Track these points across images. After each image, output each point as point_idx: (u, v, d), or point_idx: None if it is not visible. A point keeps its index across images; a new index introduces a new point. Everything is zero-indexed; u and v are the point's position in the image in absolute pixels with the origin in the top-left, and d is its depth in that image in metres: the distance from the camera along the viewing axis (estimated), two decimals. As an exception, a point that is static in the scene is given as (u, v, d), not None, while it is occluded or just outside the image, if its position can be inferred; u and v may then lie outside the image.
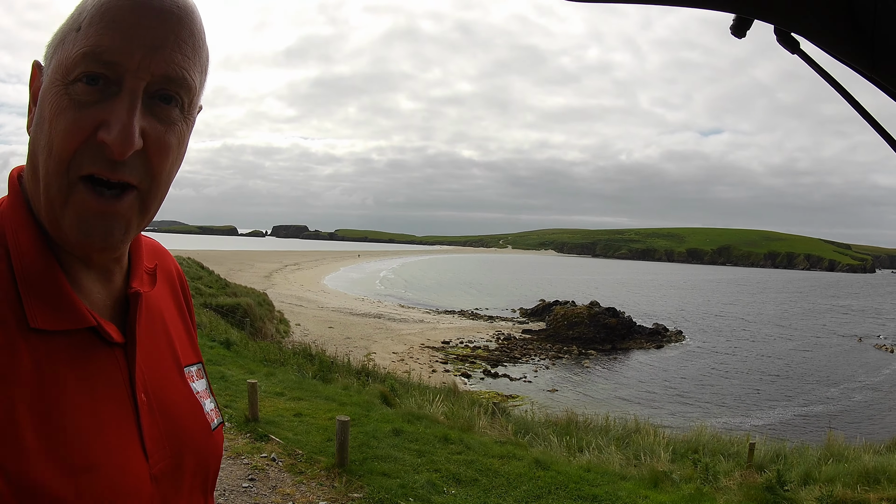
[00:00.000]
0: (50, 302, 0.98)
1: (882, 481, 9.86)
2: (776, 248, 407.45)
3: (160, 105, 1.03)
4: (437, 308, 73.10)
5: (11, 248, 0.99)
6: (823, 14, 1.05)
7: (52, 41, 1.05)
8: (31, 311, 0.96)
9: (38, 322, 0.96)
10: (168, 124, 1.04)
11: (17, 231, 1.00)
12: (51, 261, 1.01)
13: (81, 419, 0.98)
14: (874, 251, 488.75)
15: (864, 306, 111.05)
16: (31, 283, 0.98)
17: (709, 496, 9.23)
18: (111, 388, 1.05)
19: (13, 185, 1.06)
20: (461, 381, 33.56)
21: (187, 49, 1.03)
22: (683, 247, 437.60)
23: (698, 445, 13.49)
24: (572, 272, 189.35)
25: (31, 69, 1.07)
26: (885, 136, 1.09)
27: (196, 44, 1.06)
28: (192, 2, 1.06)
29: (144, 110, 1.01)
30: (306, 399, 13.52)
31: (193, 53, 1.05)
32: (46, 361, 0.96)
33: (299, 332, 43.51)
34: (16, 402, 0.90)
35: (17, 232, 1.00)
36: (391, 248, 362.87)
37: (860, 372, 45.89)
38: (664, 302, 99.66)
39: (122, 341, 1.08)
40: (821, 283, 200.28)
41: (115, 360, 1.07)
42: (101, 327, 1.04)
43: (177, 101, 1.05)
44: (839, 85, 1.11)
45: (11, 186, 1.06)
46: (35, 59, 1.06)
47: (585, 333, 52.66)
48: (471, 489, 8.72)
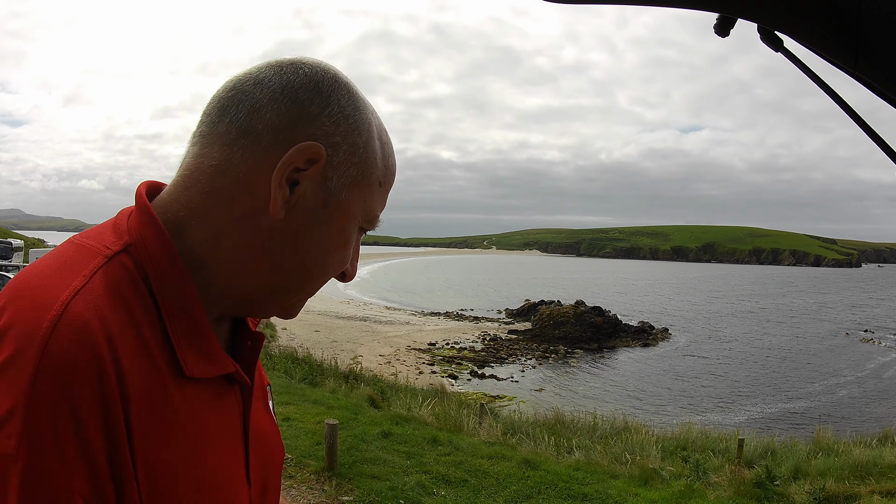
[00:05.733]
0: (202, 352, 1.00)
1: (873, 474, 9.94)
2: (761, 245, 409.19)
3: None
4: (422, 310, 73.00)
5: (162, 299, 0.96)
6: (807, 12, 1.06)
7: (348, 158, 1.03)
8: (185, 360, 0.96)
9: (192, 371, 0.97)
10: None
11: (175, 286, 0.97)
12: (203, 316, 1.01)
13: (219, 457, 1.02)
14: (860, 245, 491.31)
15: (851, 301, 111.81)
16: (186, 335, 0.98)
17: (699, 492, 9.27)
18: (233, 422, 1.08)
19: (163, 234, 0.99)
20: (448, 383, 33.50)
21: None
22: (668, 245, 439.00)
23: (687, 442, 13.56)
24: (557, 272, 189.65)
25: (312, 154, 0.99)
26: (868, 132, 1.10)
27: None
28: None
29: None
30: (294, 403, 13.48)
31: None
32: (197, 406, 0.98)
33: (285, 337, 43.31)
34: (173, 444, 0.92)
35: (176, 287, 0.97)
36: (376, 250, 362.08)
37: (847, 366, 46.17)
38: (650, 300, 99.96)
39: (250, 384, 1.12)
40: (807, 279, 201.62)
41: (236, 397, 1.10)
42: (238, 373, 1.07)
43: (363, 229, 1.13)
44: (823, 82, 1.12)
45: (161, 235, 0.99)
46: (319, 146, 0.99)
47: (571, 333, 52.69)
48: (460, 490, 8.73)
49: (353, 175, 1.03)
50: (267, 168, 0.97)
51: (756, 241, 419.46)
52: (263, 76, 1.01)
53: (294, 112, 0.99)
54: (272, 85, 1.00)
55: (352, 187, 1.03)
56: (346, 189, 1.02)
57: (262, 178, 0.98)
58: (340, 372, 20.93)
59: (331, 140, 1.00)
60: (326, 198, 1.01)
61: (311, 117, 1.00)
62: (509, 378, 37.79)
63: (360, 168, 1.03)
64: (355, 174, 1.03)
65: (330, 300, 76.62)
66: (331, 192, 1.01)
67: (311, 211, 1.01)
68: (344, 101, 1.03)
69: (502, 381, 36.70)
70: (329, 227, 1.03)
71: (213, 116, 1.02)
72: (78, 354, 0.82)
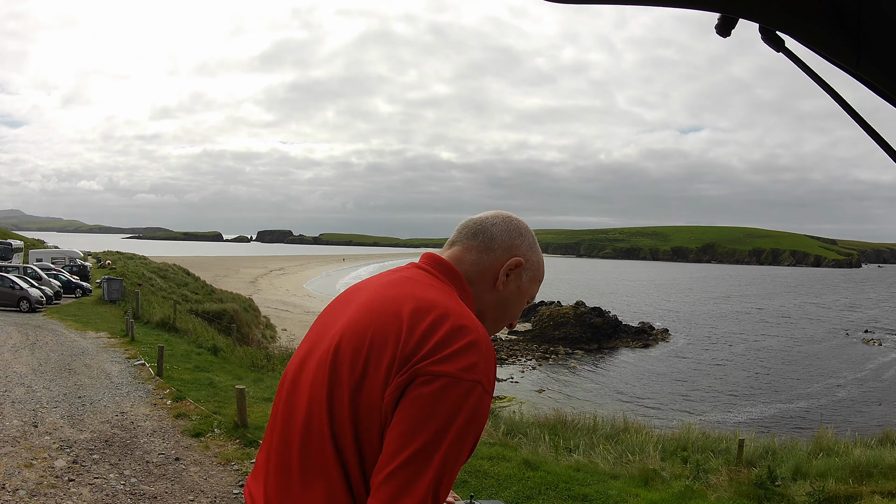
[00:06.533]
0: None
1: (874, 475, 9.91)
2: (761, 245, 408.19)
3: None
4: (423, 310, 72.95)
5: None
6: (808, 12, 1.06)
7: (530, 266, 1.85)
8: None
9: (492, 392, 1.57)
10: None
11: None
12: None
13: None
14: (859, 246, 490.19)
15: (851, 301, 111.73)
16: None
17: (699, 493, 9.26)
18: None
19: (466, 286, 1.78)
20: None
21: None
22: (668, 245, 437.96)
23: (687, 443, 13.52)
24: (557, 272, 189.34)
25: (518, 263, 1.80)
26: (870, 132, 1.10)
27: None
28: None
29: None
30: (294, 404, 13.46)
31: None
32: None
33: (286, 338, 43.29)
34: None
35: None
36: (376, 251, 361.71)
37: (847, 367, 46.18)
38: (650, 300, 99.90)
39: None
40: (807, 279, 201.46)
41: None
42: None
43: None
44: (824, 82, 1.12)
45: (466, 286, 1.78)
46: (521, 259, 1.81)
47: (571, 333, 52.72)
48: (460, 491, 8.69)
49: (531, 275, 1.86)
50: (498, 266, 1.80)
51: (756, 241, 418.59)
52: (495, 221, 1.84)
53: (511, 241, 1.82)
54: (500, 226, 1.84)
55: (529, 281, 1.86)
56: (528, 282, 1.85)
57: (495, 270, 1.80)
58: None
59: (525, 256, 1.83)
60: (519, 285, 1.83)
61: (518, 243, 1.83)
62: (509, 379, 37.82)
63: (534, 272, 1.87)
64: (532, 275, 1.86)
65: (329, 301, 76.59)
66: (522, 283, 1.84)
67: (512, 290, 1.83)
68: (530, 237, 1.87)
69: (502, 381, 36.66)
70: (517, 300, 1.85)
71: (469, 234, 1.84)
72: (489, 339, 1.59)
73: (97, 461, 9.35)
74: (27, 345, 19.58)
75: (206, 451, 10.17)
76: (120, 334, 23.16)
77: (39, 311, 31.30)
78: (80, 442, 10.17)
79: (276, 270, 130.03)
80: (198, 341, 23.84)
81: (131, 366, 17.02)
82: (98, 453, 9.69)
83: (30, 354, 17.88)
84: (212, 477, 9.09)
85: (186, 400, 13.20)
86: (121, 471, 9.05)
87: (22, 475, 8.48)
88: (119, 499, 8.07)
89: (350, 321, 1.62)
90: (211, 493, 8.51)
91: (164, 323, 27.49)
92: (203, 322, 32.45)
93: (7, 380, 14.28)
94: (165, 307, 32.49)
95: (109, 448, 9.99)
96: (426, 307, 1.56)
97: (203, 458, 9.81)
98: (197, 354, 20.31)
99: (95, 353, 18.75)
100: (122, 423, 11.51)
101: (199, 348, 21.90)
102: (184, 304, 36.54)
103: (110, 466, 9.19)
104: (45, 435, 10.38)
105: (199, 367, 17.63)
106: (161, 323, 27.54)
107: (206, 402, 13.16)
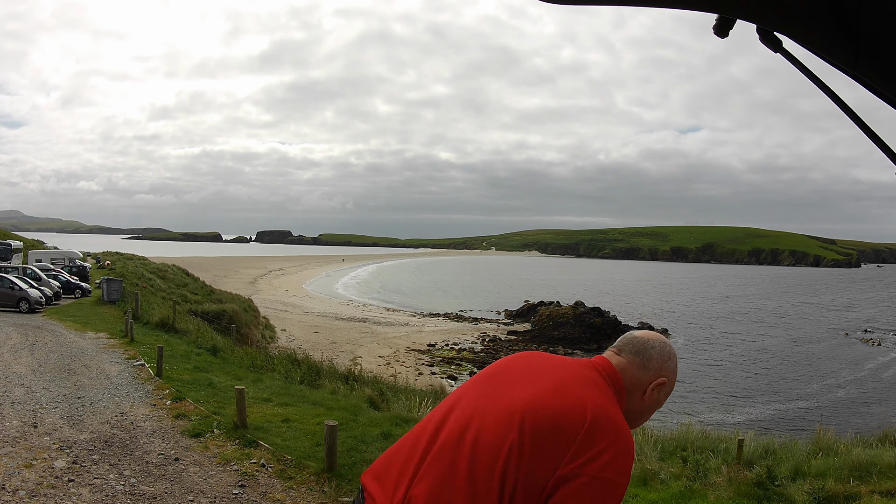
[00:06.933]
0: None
1: (873, 474, 9.90)
2: (760, 245, 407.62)
3: None
4: (422, 311, 73.04)
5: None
6: (806, 14, 1.06)
7: (670, 383, 2.27)
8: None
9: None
10: None
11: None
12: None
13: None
14: (859, 245, 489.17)
15: (850, 301, 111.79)
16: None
17: (699, 493, 9.26)
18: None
19: (622, 393, 2.21)
20: (448, 384, 33.54)
21: None
22: (667, 245, 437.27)
23: (686, 443, 13.50)
24: (556, 273, 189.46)
25: (663, 382, 2.25)
26: (867, 132, 1.10)
27: None
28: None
29: None
30: (294, 405, 13.48)
31: None
32: None
33: (285, 338, 43.36)
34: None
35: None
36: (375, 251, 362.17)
37: (847, 366, 46.22)
38: (649, 301, 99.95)
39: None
40: (806, 279, 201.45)
41: None
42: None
43: None
44: (822, 82, 1.12)
45: (622, 393, 2.21)
46: (666, 379, 2.25)
47: (571, 333, 52.80)
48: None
49: (667, 391, 2.26)
50: (649, 381, 2.20)
51: (755, 241, 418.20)
52: (654, 345, 2.26)
53: (663, 363, 2.24)
54: (658, 349, 2.25)
55: (664, 395, 2.25)
56: (664, 396, 2.25)
57: (645, 385, 2.20)
58: (340, 373, 20.89)
59: (669, 377, 2.24)
60: (658, 398, 2.23)
61: (667, 366, 2.24)
62: (509, 379, 37.68)
63: (670, 388, 2.26)
64: (668, 390, 2.26)
65: (329, 301, 76.60)
66: (662, 394, 2.24)
67: (656, 400, 2.23)
68: (674, 361, 2.29)
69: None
70: (654, 408, 2.26)
71: (633, 350, 2.25)
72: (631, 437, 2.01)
73: (97, 461, 9.35)
74: (27, 345, 19.57)
75: (205, 451, 10.17)
76: (119, 335, 23.15)
77: (39, 312, 31.26)
78: (79, 442, 10.17)
79: (275, 271, 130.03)
80: (197, 342, 23.81)
81: (131, 366, 17.01)
82: (98, 454, 9.69)
83: (29, 355, 17.86)
84: (211, 477, 9.09)
85: (186, 400, 13.20)
86: (120, 471, 9.05)
87: (22, 475, 8.48)
88: (119, 499, 8.08)
89: (539, 398, 2.04)
90: (210, 493, 8.51)
91: (164, 323, 27.48)
92: (202, 322, 32.43)
93: (7, 380, 14.27)
94: (165, 308, 32.49)
95: (109, 448, 9.99)
96: (604, 423, 1.96)
97: (202, 459, 9.82)
98: (196, 355, 20.30)
99: (95, 354, 18.74)
100: (121, 423, 11.51)
101: (199, 349, 21.87)
102: (183, 304, 36.55)
103: (110, 467, 9.19)
104: (45, 435, 10.38)
105: (198, 368, 17.62)
106: (160, 323, 27.52)
107: (205, 403, 13.16)
